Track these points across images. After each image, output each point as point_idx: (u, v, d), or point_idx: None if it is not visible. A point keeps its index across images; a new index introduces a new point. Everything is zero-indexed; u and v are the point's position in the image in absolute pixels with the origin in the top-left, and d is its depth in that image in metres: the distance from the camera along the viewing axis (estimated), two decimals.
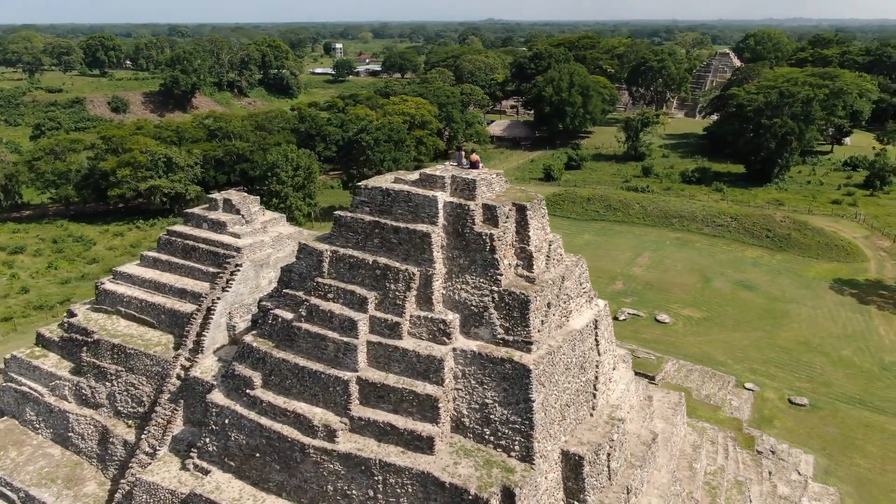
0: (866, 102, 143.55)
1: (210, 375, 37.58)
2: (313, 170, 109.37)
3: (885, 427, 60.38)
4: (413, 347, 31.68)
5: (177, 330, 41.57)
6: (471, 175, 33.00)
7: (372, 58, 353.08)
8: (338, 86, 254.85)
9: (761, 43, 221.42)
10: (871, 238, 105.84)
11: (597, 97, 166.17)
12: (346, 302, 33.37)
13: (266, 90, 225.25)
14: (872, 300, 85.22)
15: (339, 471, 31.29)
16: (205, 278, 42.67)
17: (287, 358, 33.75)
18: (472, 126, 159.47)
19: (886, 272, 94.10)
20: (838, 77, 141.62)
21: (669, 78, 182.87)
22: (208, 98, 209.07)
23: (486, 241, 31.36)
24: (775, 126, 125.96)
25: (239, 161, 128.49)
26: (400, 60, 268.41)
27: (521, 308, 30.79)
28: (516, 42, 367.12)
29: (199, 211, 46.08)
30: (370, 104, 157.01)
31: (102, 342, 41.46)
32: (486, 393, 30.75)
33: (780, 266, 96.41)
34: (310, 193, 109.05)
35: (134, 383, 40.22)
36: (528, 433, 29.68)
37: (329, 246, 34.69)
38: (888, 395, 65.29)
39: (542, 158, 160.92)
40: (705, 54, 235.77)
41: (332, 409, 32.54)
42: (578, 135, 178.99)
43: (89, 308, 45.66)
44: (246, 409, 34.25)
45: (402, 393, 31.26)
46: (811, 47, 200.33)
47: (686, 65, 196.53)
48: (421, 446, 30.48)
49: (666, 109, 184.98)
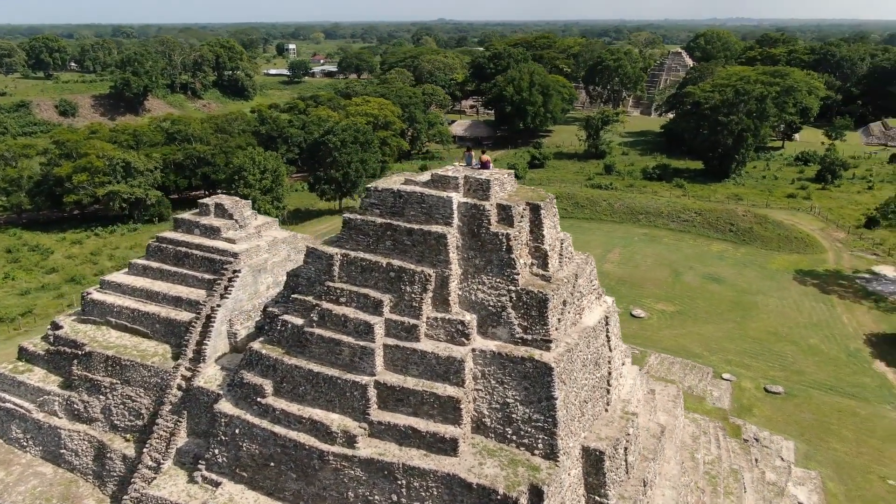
0: (815, 99, 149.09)
1: (215, 385, 36.68)
2: (281, 172, 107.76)
3: (857, 412, 62.68)
4: (432, 349, 31.55)
5: (173, 339, 40.43)
6: (483, 175, 33.05)
7: (326, 58, 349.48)
8: (294, 87, 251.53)
9: (711, 42, 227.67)
10: (827, 230, 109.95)
11: (557, 96, 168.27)
12: (360, 305, 33.02)
13: (221, 92, 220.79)
14: (833, 290, 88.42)
15: (360, 477, 30.93)
16: (200, 285, 41.61)
17: (300, 364, 33.19)
18: (434, 126, 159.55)
19: (844, 262, 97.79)
20: (788, 75, 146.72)
21: (626, 77, 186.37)
22: (161, 101, 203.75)
23: (502, 241, 31.46)
24: (732, 123, 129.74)
25: (200, 164, 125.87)
26: (356, 61, 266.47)
27: (539, 307, 31.01)
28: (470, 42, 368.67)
29: (189, 216, 44.87)
30: (332, 105, 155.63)
31: (95, 354, 40.02)
32: (507, 392, 30.86)
33: (745, 259, 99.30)
34: (278, 196, 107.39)
35: (131, 396, 38.95)
36: (551, 431, 29.91)
37: (339, 249, 34.25)
38: (856, 381, 67.81)
39: (504, 157, 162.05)
40: (657, 53, 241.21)
41: (349, 415, 32.16)
42: (538, 134, 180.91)
43: (75, 319, 44.01)
44: (257, 418, 33.55)
45: (423, 395, 31.10)
46: (759, 46, 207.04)
47: (641, 64, 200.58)
48: (444, 448, 30.39)
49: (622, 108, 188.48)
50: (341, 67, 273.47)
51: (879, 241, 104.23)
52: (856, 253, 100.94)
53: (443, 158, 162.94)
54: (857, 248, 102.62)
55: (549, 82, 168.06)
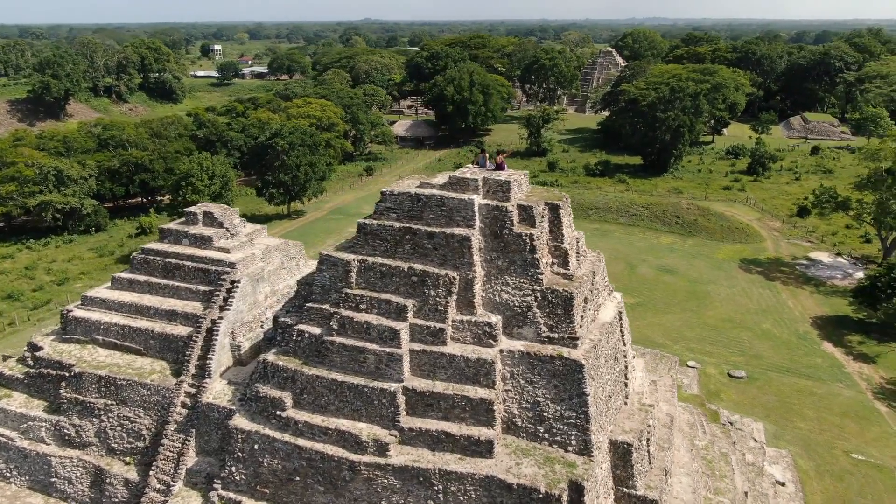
0: (741, 96, 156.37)
1: (225, 400, 35.40)
2: (230, 177, 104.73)
3: (814, 391, 66.18)
4: (460, 352, 31.48)
5: (170, 355, 38.74)
6: (502, 176, 33.21)
7: (255, 59, 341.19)
8: (223, 89, 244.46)
9: (638, 41, 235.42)
10: (763, 220, 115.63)
11: (496, 95, 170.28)
12: (382, 311, 32.58)
13: (147, 95, 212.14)
14: (776, 276, 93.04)
15: (393, 485, 30.56)
16: (195, 298, 40.02)
17: (321, 374, 32.45)
18: (377, 127, 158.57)
19: (782, 250, 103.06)
20: (716, 72, 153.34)
21: (561, 75, 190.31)
22: (84, 105, 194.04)
23: (526, 242, 31.71)
24: (669, 119, 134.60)
25: (138, 171, 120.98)
26: (287, 62, 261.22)
27: (564, 305, 31.44)
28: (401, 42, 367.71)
29: (175, 226, 43.06)
30: (271, 107, 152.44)
31: (85, 375, 37.87)
32: (537, 391, 31.16)
33: (693, 250, 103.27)
34: (228, 202, 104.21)
35: (129, 416, 37.08)
36: (584, 427, 30.41)
37: (355, 255, 33.67)
38: (810, 362, 71.61)
39: (448, 157, 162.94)
40: (588, 52, 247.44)
41: (377, 423, 31.70)
42: (479, 133, 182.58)
43: (55, 339, 41.51)
44: (278, 432, 32.59)
45: (454, 399, 31.00)
46: (685, 45, 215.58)
47: (575, 63, 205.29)
48: (479, 451, 30.40)
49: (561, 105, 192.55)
50: (272, 68, 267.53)
51: (812, 229, 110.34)
52: (792, 241, 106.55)
53: (386, 159, 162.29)
54: (793, 236, 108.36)
55: (488, 82, 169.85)
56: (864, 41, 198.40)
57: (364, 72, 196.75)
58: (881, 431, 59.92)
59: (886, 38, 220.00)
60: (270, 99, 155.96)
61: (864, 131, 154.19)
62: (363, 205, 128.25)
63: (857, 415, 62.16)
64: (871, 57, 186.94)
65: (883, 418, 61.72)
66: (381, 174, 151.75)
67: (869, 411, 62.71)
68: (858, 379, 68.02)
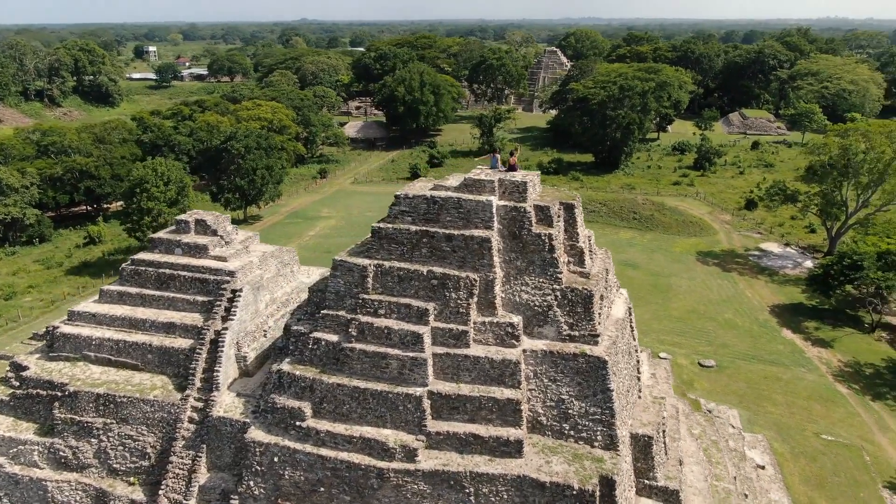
0: (685, 93, 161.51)
1: (238, 413, 34.36)
2: (186, 183, 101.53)
3: (780, 377, 68.95)
4: (484, 354, 31.52)
5: (170, 369, 37.34)
6: (517, 177, 33.39)
7: (192, 61, 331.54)
8: (162, 91, 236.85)
9: (580, 41, 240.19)
10: (714, 213, 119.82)
11: (447, 95, 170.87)
12: (402, 316, 32.28)
13: (82, 99, 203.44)
14: (732, 267, 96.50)
15: (423, 490, 30.34)
16: (192, 309, 38.70)
17: (342, 382, 31.91)
18: (329, 129, 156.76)
19: (735, 242, 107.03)
20: (661, 71, 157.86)
21: (509, 75, 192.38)
22: (14, 110, 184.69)
23: (545, 242, 31.99)
24: (619, 117, 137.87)
25: (83, 178, 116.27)
26: (227, 63, 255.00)
27: (584, 303, 31.89)
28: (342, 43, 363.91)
29: (166, 235, 41.51)
30: (219, 110, 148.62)
31: (81, 394, 36.10)
32: (561, 389, 31.49)
33: (652, 244, 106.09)
34: (184, 209, 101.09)
35: (131, 435, 35.56)
36: (609, 422, 30.92)
37: (370, 260, 33.25)
38: (772, 349, 74.58)
39: (402, 158, 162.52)
40: (532, 52, 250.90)
41: (402, 429, 31.40)
42: (429, 133, 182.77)
43: (41, 358, 39.42)
44: (298, 443, 31.88)
45: (480, 401, 31.01)
46: (626, 45, 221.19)
47: (522, 62, 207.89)
48: (508, 451, 30.51)
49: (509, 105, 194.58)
50: (212, 70, 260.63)
51: (760, 221, 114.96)
52: (743, 233, 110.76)
53: (338, 161, 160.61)
54: (743, 228, 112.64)
55: (439, 82, 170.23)
56: (795, 40, 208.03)
57: (311, 73, 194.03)
58: (845, 412, 62.86)
59: (814, 37, 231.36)
60: (218, 101, 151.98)
61: (798, 126, 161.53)
62: (321, 208, 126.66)
63: (821, 397, 65.03)
64: (801, 55, 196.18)
65: (846, 400, 64.76)
66: (335, 176, 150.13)
67: (832, 394, 65.69)
68: (819, 363, 71.15)
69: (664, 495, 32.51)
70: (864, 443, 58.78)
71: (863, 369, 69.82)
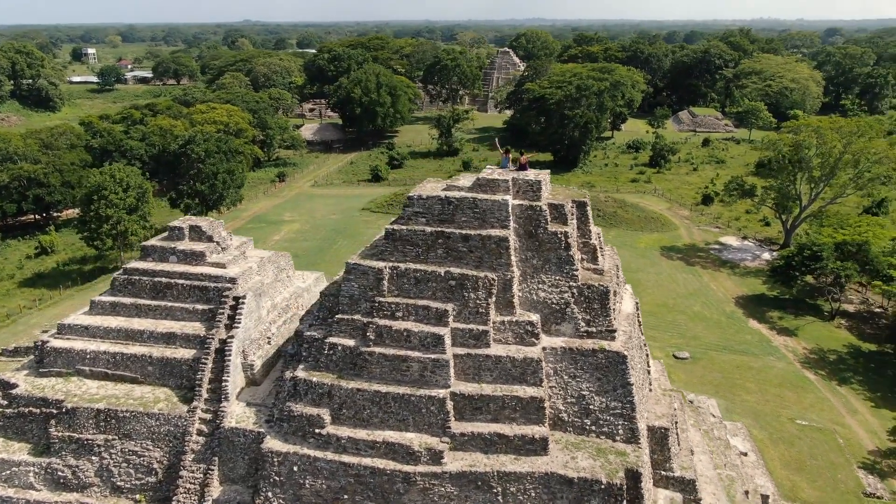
0: (637, 92, 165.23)
1: (250, 423, 33.44)
2: (146, 189, 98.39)
3: (751, 366, 71.19)
4: (505, 353, 31.55)
5: (172, 381, 36.08)
6: (530, 176, 33.54)
7: (135, 63, 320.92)
8: (106, 95, 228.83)
9: (531, 42, 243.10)
10: (673, 209, 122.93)
11: (404, 96, 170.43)
12: (421, 318, 32.02)
13: (21, 103, 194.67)
14: (696, 261, 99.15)
15: (451, 493, 30.16)
16: (193, 318, 37.49)
17: (362, 387, 31.44)
18: (286, 131, 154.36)
19: (695, 236, 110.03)
20: (614, 71, 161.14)
21: (464, 76, 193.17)
22: None
23: (560, 240, 32.24)
24: (577, 116, 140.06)
25: (31, 186, 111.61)
26: (173, 65, 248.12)
27: (600, 300, 32.28)
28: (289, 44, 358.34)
29: (160, 242, 40.07)
30: (172, 114, 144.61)
31: (80, 410, 34.52)
32: (582, 385, 31.79)
33: (617, 241, 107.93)
34: (144, 215, 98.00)
35: (135, 451, 34.20)
36: (630, 415, 31.37)
37: (385, 262, 32.86)
38: (741, 339, 76.93)
39: (360, 160, 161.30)
40: (484, 52, 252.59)
41: (426, 432, 31.13)
42: (386, 134, 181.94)
43: (29, 374, 37.53)
44: (318, 451, 31.25)
45: (504, 400, 31.03)
46: (577, 45, 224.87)
47: (476, 63, 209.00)
48: (533, 449, 30.62)
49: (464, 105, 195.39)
50: (157, 73, 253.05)
51: (717, 216, 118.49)
52: (702, 227, 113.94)
53: (296, 164, 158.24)
54: (702, 223, 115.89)
55: (395, 83, 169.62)
56: (738, 40, 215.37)
57: (263, 75, 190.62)
58: (815, 398, 65.29)
59: (755, 37, 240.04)
60: (170, 105, 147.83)
61: (745, 123, 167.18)
62: (283, 212, 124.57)
63: (791, 384, 67.38)
64: (745, 55, 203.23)
65: (814, 385, 67.27)
66: (293, 179, 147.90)
67: (801, 380, 68.15)
68: (786, 351, 73.71)
69: (681, 485, 33.20)
70: (835, 426, 61.13)
71: (827, 356, 72.58)
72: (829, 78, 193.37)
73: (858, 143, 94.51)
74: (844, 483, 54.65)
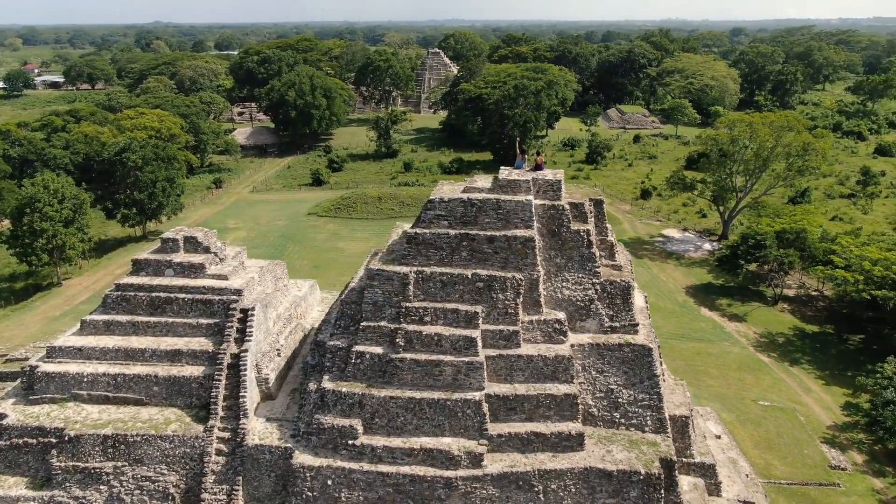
0: (570, 91, 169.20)
1: (275, 439, 32.23)
2: (83, 199, 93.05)
3: (709, 352, 74.15)
4: (536, 352, 31.75)
5: (180, 400, 34.33)
6: (548, 176, 33.83)
7: (42, 67, 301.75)
8: (13, 102, 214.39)
9: (460, 42, 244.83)
10: (614, 204, 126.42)
11: (339, 98, 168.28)
12: (450, 321, 31.78)
13: None
14: (643, 254, 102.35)
15: (492, 495, 30.10)
16: (197, 333, 35.78)
17: (395, 394, 30.91)
18: (220, 136, 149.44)
19: (639, 230, 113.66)
20: (547, 70, 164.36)
21: (396, 77, 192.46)
22: None
23: (583, 238, 32.71)
24: (516, 116, 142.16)
25: None
26: (87, 69, 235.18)
27: (623, 295, 32.99)
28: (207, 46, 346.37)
29: (154, 256, 37.99)
30: (96, 120, 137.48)
31: (84, 438, 32.32)
32: (609, 379, 32.37)
33: None
34: (82, 227, 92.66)
35: (149, 476, 32.33)
36: (658, 406, 32.20)
37: (409, 267, 32.40)
38: (697, 327, 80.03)
39: (298, 163, 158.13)
40: (413, 54, 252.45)
41: (461, 435, 30.93)
42: (321, 137, 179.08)
43: (18, 402, 34.83)
44: (353, 462, 30.50)
45: (538, 399, 31.21)
46: (506, 45, 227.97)
47: (409, 64, 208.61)
48: (570, 445, 30.94)
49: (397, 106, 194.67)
50: (69, 77, 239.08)
51: (657, 209, 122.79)
52: (644, 221, 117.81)
53: (231, 170, 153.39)
54: (643, 216, 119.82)
55: (330, 85, 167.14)
56: (659, 40, 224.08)
57: (189, 78, 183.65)
58: (772, 379, 68.68)
59: (674, 37, 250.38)
60: (94, 111, 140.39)
61: (672, 120, 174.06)
62: (225, 219, 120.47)
63: (749, 367, 70.61)
64: (667, 54, 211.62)
65: (769, 367, 70.75)
66: (230, 185, 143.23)
67: (756, 363, 71.53)
68: (738, 336, 77.17)
69: (701, 470, 34.37)
70: (795, 405, 64.43)
71: (776, 338, 76.36)
72: (744, 75, 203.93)
73: (788, 136, 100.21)
74: (811, 458, 57.61)
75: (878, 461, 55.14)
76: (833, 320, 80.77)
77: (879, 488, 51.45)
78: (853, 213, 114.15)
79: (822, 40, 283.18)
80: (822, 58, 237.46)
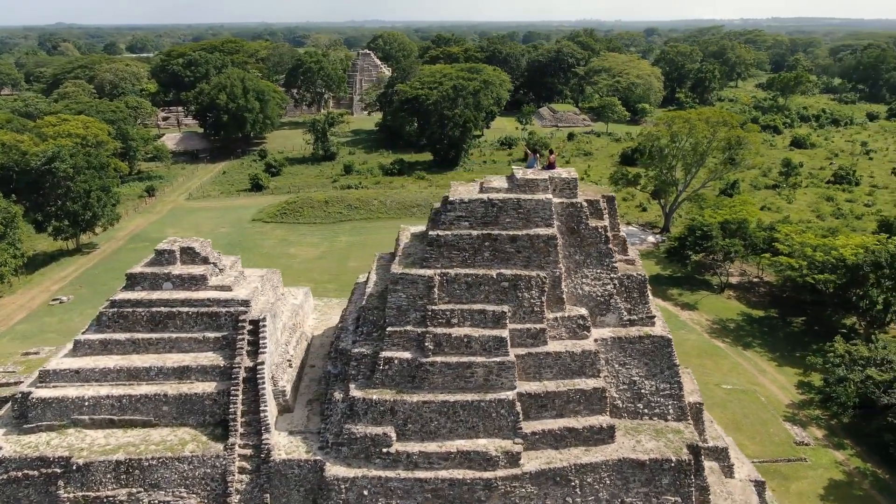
0: (505, 91, 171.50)
1: (303, 452, 31.14)
2: (14, 213, 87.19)
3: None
4: (563, 349, 32.08)
5: (193, 419, 32.68)
6: (563, 174, 34.20)
7: None
8: None
9: (388, 43, 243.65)
10: None
11: (272, 101, 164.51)
12: (477, 322, 31.66)
13: None
14: None
15: (531, 493, 30.19)
16: (203, 347, 34.15)
17: (427, 399, 30.50)
18: (149, 142, 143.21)
19: None
20: (482, 70, 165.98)
21: (328, 78, 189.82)
22: None
23: (601, 234, 33.29)
24: (456, 116, 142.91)
25: None
26: None
27: (639, 289, 33.78)
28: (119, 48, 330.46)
29: (148, 269, 35.93)
30: (13, 127, 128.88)
31: (95, 465, 30.24)
32: (632, 371, 33.08)
33: None
34: (14, 242, 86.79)
35: (168, 501, 30.59)
36: (678, 395, 33.16)
37: (432, 270, 32.03)
38: None
39: (233, 169, 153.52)
40: (342, 55, 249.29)
41: (496, 436, 30.87)
42: (254, 141, 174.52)
43: (9, 431, 32.21)
44: (389, 471, 29.90)
45: (568, 395, 31.54)
46: (437, 46, 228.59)
47: (340, 65, 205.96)
48: (601, 438, 31.43)
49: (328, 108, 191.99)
50: None
51: None
52: None
53: (163, 177, 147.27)
54: None
55: (262, 87, 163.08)
56: (585, 40, 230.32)
57: (110, 82, 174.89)
58: (730, 363, 71.88)
59: (599, 37, 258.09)
60: (10, 118, 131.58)
61: (602, 117, 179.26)
62: (164, 228, 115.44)
63: (707, 353, 73.63)
64: (593, 53, 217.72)
65: (725, 353, 73.99)
66: (163, 193, 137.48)
67: (714, 349, 74.69)
68: (693, 325, 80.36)
69: (715, 454, 35.65)
70: (754, 387, 67.64)
71: (727, 325, 79.88)
72: (666, 73, 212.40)
73: (722, 131, 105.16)
74: (777, 436, 60.58)
75: (836, 435, 58.38)
76: (776, 304, 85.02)
77: (841, 460, 54.54)
78: (779, 203, 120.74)
79: (732, 40, 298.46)
80: (735, 56, 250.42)
